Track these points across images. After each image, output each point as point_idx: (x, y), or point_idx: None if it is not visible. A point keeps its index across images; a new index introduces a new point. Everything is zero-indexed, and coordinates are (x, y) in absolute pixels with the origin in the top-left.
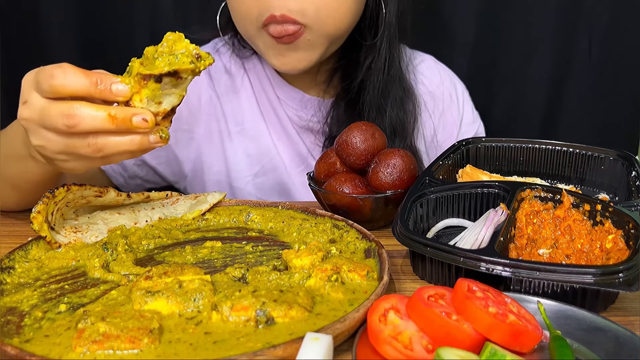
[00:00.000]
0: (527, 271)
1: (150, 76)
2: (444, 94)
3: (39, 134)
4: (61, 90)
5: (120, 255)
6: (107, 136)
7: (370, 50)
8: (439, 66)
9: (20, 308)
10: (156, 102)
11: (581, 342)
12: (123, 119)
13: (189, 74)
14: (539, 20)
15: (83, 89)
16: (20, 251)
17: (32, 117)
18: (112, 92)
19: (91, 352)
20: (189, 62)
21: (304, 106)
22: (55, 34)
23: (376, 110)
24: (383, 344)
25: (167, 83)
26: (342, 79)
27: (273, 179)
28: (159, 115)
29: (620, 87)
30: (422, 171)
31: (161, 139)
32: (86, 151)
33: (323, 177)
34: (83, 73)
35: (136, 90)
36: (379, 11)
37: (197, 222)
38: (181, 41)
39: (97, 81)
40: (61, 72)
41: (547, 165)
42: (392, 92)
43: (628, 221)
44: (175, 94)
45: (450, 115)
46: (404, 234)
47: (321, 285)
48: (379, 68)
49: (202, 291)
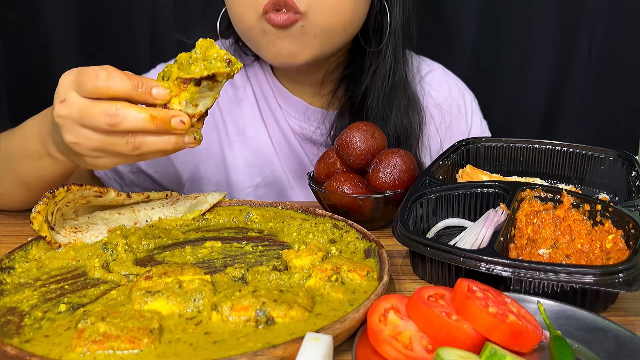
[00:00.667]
0: (527, 271)
1: (190, 80)
2: (452, 105)
3: (75, 131)
4: (105, 91)
5: (120, 255)
6: (145, 135)
7: (375, 56)
8: (448, 76)
9: (20, 308)
10: (193, 105)
11: (581, 342)
12: (163, 120)
13: (224, 77)
14: (539, 20)
15: (125, 91)
16: (20, 251)
17: (70, 115)
18: (152, 95)
19: (91, 352)
20: (224, 66)
21: (307, 118)
22: (55, 34)
23: (380, 119)
24: (383, 344)
25: (205, 86)
26: (347, 89)
27: (275, 191)
28: (194, 117)
29: (620, 87)
30: (422, 171)
31: (195, 139)
32: (124, 149)
33: (323, 177)
34: (126, 76)
35: (175, 94)
36: (383, 17)
37: (197, 222)
38: (213, 47)
39: (139, 84)
40: (106, 74)
41: (547, 165)
42: (396, 100)
43: (628, 221)
44: (210, 97)
45: (457, 127)
46: (404, 234)
47: (321, 285)
48: (383, 74)
49: (202, 291)
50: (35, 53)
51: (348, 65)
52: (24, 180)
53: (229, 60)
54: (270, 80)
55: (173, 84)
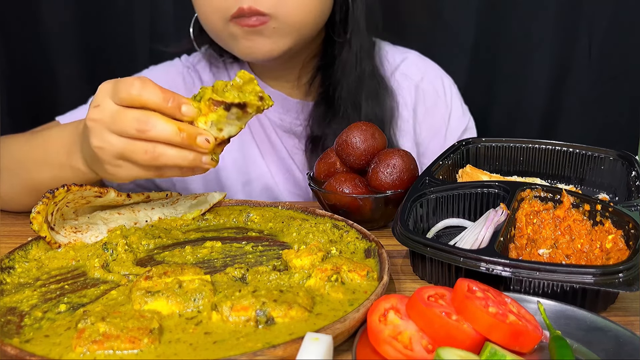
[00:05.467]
0: (527, 271)
1: (221, 103)
2: (427, 88)
3: (102, 135)
4: (137, 99)
5: (120, 255)
6: (165, 147)
7: (343, 46)
8: (424, 61)
9: (20, 308)
10: (218, 129)
11: (581, 342)
12: (189, 135)
13: (254, 110)
14: (539, 20)
15: (156, 102)
16: (20, 251)
17: (102, 119)
18: (181, 111)
19: (91, 352)
20: (256, 99)
21: (287, 109)
22: (55, 35)
23: (351, 106)
24: (383, 344)
25: (234, 114)
26: (322, 80)
27: (260, 186)
28: (216, 141)
29: (620, 87)
30: (422, 171)
31: (212, 160)
32: (143, 158)
33: (323, 177)
34: (159, 89)
35: (204, 113)
36: (347, 8)
37: (197, 222)
38: (251, 82)
39: (170, 99)
40: (141, 83)
41: (547, 165)
42: (365, 86)
43: (628, 221)
44: (236, 125)
45: (437, 110)
46: (404, 234)
47: (321, 285)
48: (351, 63)
49: (202, 291)
50: (35, 53)
51: (322, 57)
52: (36, 187)
53: (262, 97)
54: None
55: (205, 104)
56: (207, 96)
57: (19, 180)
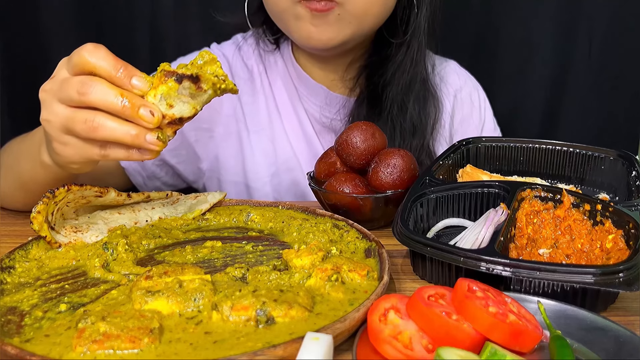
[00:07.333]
0: (527, 271)
1: (172, 73)
2: (465, 98)
3: (50, 107)
4: (85, 62)
5: (121, 255)
6: (105, 118)
7: (399, 48)
8: (462, 71)
9: (21, 308)
10: (168, 104)
11: (581, 342)
12: (132, 104)
13: (209, 86)
14: (539, 20)
15: (104, 68)
16: (20, 251)
17: (52, 89)
18: (131, 83)
19: (91, 351)
20: (212, 76)
21: (328, 103)
22: (54, 33)
23: (398, 107)
24: (383, 343)
25: (186, 88)
26: (369, 76)
27: (289, 180)
28: (165, 119)
29: (620, 87)
30: (422, 171)
31: (158, 139)
32: (82, 128)
33: (323, 177)
34: (112, 56)
35: (154, 86)
36: (411, 11)
37: (198, 222)
38: (213, 63)
39: (121, 68)
40: (93, 47)
41: (547, 165)
42: (415, 90)
43: (628, 221)
44: (189, 104)
45: (471, 120)
46: (404, 233)
47: (321, 285)
48: (405, 65)
49: (202, 291)
50: (35, 53)
51: (370, 56)
52: (22, 180)
53: (224, 79)
54: (292, 67)
55: (157, 77)
56: (160, 68)
57: (12, 174)
